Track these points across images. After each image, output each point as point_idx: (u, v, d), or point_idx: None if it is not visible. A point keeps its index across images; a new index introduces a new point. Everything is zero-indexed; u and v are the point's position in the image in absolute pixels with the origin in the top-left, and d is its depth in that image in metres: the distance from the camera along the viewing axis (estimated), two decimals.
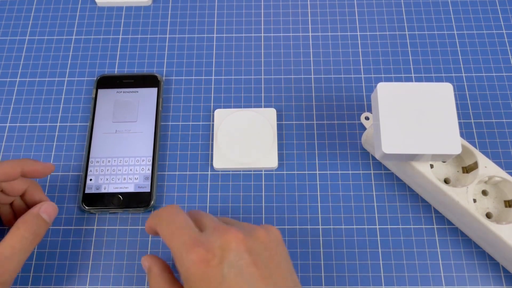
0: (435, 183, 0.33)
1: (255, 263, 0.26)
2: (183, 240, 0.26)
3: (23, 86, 0.42)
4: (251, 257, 0.26)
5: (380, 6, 0.45)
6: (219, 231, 0.27)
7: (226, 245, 0.26)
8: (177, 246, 0.26)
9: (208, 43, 0.44)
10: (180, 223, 0.27)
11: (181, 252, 0.26)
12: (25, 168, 0.32)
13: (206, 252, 0.26)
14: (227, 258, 0.26)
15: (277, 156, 0.39)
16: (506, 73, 0.42)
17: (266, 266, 0.27)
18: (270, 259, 0.27)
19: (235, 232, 0.27)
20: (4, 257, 0.29)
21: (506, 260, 0.33)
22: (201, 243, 0.26)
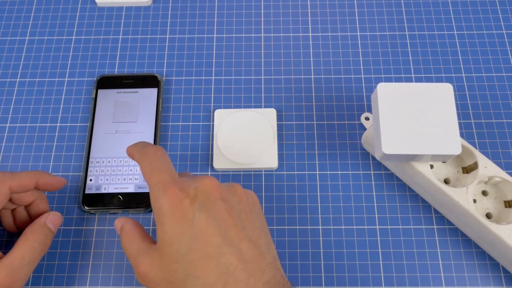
0: (435, 184, 0.33)
1: (228, 211, 0.26)
2: (162, 178, 0.26)
3: (23, 86, 0.42)
4: (224, 205, 0.26)
5: (380, 6, 0.45)
6: (197, 177, 0.27)
7: (201, 187, 0.26)
8: (154, 184, 0.26)
9: (208, 43, 0.44)
10: (162, 163, 0.27)
11: (157, 190, 0.26)
12: (40, 181, 0.33)
13: (180, 191, 0.26)
14: (200, 198, 0.26)
15: (277, 156, 0.39)
16: (506, 73, 0.42)
17: (239, 217, 0.27)
18: (244, 212, 0.27)
19: (211, 179, 0.27)
20: (14, 268, 0.30)
21: (506, 260, 0.33)
22: (177, 183, 0.26)
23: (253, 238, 0.26)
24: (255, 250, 0.26)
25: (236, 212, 0.27)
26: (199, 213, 0.25)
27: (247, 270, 0.25)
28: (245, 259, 0.25)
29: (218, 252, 0.25)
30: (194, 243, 0.25)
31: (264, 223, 0.29)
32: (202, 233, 0.25)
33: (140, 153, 0.29)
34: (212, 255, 0.25)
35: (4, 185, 0.31)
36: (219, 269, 0.24)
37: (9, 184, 0.31)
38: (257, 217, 0.28)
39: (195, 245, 0.25)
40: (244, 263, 0.25)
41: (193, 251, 0.25)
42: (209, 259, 0.25)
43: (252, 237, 0.26)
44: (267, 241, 0.28)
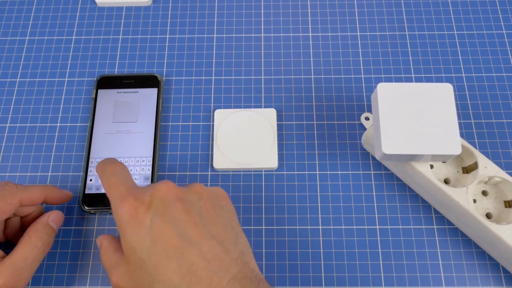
0: (435, 184, 0.33)
1: (186, 210, 0.26)
2: (119, 191, 0.27)
3: (23, 86, 0.42)
4: (182, 205, 0.26)
5: (380, 6, 0.45)
6: (153, 184, 0.28)
7: (155, 193, 0.27)
8: (113, 198, 0.27)
9: (208, 43, 0.44)
10: (120, 176, 0.29)
11: (116, 203, 0.27)
12: (49, 195, 0.34)
13: (135, 200, 0.26)
14: (155, 203, 0.26)
15: (277, 156, 0.39)
16: (506, 73, 0.42)
17: (200, 215, 0.27)
18: (205, 209, 0.27)
19: (167, 183, 0.27)
20: (17, 268, 0.30)
21: (506, 260, 0.33)
22: (133, 193, 0.27)
23: (216, 235, 0.26)
24: (218, 247, 0.26)
25: (196, 210, 0.27)
26: (155, 218, 0.26)
27: (210, 268, 0.25)
28: (207, 258, 0.25)
29: (178, 253, 0.25)
30: (154, 247, 0.25)
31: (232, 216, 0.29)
32: (160, 236, 0.25)
33: (100, 169, 0.30)
34: (172, 257, 0.25)
35: (15, 197, 0.31)
36: (182, 270, 0.24)
37: (19, 197, 0.32)
38: (221, 212, 0.28)
39: (155, 249, 0.25)
40: (206, 262, 0.25)
41: (154, 255, 0.25)
42: (170, 261, 0.25)
43: (215, 234, 0.26)
44: (234, 235, 0.27)
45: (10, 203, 0.31)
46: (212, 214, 0.27)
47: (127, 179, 0.29)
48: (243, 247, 0.27)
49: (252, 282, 0.25)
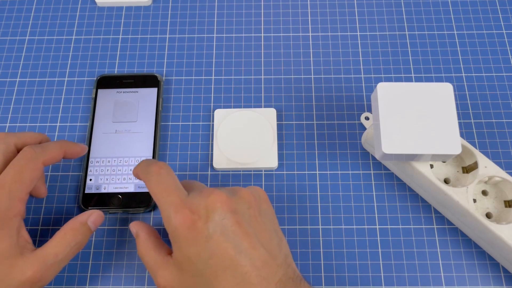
0: (435, 183, 0.33)
1: (238, 222, 0.27)
2: (171, 201, 0.28)
3: (23, 86, 0.42)
4: (235, 217, 0.27)
5: (380, 6, 0.46)
6: (204, 193, 0.28)
7: (210, 206, 0.27)
8: (165, 207, 0.28)
9: (208, 43, 0.44)
10: (169, 183, 0.28)
11: (169, 213, 0.27)
12: (67, 151, 0.34)
13: (191, 214, 0.27)
14: (211, 218, 0.27)
15: (277, 156, 0.39)
16: (506, 73, 0.42)
17: (250, 224, 0.28)
18: (254, 218, 0.28)
19: (219, 193, 0.28)
20: (47, 263, 0.29)
21: (506, 260, 0.33)
22: (187, 205, 0.27)
23: (264, 243, 0.27)
24: (267, 255, 0.27)
25: (247, 220, 0.28)
26: (212, 232, 0.26)
27: (261, 275, 0.26)
28: (259, 266, 0.26)
29: (233, 264, 0.26)
30: (211, 259, 0.26)
31: (274, 220, 0.30)
32: (217, 249, 0.26)
33: (144, 173, 0.30)
34: (228, 267, 0.26)
35: (38, 161, 0.31)
36: (236, 279, 0.26)
37: (42, 159, 0.31)
38: (266, 217, 0.29)
39: (211, 261, 0.26)
40: (258, 270, 0.26)
41: (211, 266, 0.26)
42: (225, 271, 0.26)
43: (264, 242, 0.27)
44: (278, 240, 0.29)
45: (36, 169, 0.31)
46: (259, 221, 0.28)
47: (176, 185, 0.29)
48: (286, 250, 0.29)
49: (294, 282, 0.27)
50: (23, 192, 0.30)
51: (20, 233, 0.30)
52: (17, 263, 0.29)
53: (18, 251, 0.29)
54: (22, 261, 0.29)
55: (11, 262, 0.29)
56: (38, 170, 0.31)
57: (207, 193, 0.28)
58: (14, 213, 0.30)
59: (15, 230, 0.29)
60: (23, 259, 0.29)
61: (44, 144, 0.32)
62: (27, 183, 0.30)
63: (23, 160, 0.30)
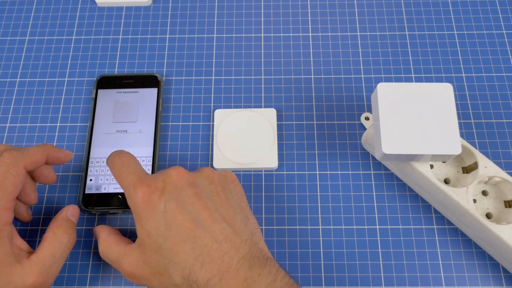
0: (435, 183, 0.33)
1: (197, 194, 0.27)
2: (130, 179, 0.28)
3: (23, 86, 0.42)
4: (193, 189, 0.28)
5: (380, 6, 0.45)
6: (163, 170, 0.29)
7: (167, 179, 0.28)
8: (126, 186, 0.29)
9: (208, 43, 0.44)
10: (129, 166, 0.29)
11: (129, 191, 0.28)
12: (50, 156, 0.33)
13: (148, 187, 0.27)
14: (168, 189, 0.27)
15: (277, 156, 0.39)
16: (506, 73, 0.42)
17: (210, 199, 0.28)
18: (215, 193, 0.29)
19: (178, 169, 0.28)
20: (46, 265, 0.30)
21: (506, 260, 0.33)
22: (145, 181, 0.28)
23: (226, 217, 0.28)
24: (229, 229, 0.27)
25: (207, 194, 0.28)
26: (169, 203, 0.27)
27: (221, 249, 0.26)
28: (219, 240, 0.26)
29: (192, 236, 0.26)
30: (169, 231, 0.26)
31: (240, 199, 0.30)
32: (174, 220, 0.26)
33: (110, 162, 0.31)
34: (186, 240, 0.26)
35: (19, 166, 0.30)
36: (195, 252, 0.26)
37: (23, 164, 0.31)
38: (231, 195, 0.29)
39: (170, 233, 0.26)
40: (219, 243, 0.26)
41: (170, 239, 0.26)
42: (184, 243, 0.26)
43: (226, 217, 0.28)
44: (243, 217, 0.29)
45: (18, 174, 0.30)
46: (222, 197, 0.29)
47: (136, 167, 0.29)
48: (253, 228, 0.29)
49: (260, 261, 0.27)
50: (8, 200, 0.29)
51: (12, 241, 0.30)
52: (16, 272, 0.29)
53: (14, 259, 0.29)
54: (21, 269, 0.29)
55: (9, 271, 0.28)
56: (20, 176, 0.30)
57: (167, 170, 0.28)
58: (1, 223, 0.29)
59: (6, 240, 0.29)
60: (21, 267, 0.29)
61: (24, 148, 0.32)
62: (9, 189, 0.29)
63: (2, 166, 0.29)
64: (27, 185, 0.34)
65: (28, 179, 0.34)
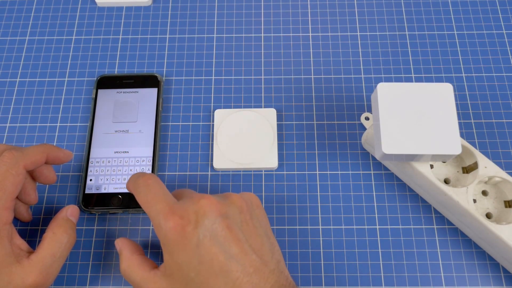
0: (435, 183, 0.33)
1: (229, 226, 0.27)
2: (160, 208, 0.27)
3: (23, 86, 0.42)
4: (225, 221, 0.27)
5: (380, 6, 0.45)
6: (193, 199, 0.28)
7: (200, 211, 0.27)
8: (154, 214, 0.27)
9: (208, 43, 0.44)
10: (156, 191, 0.28)
11: (158, 220, 0.27)
12: (50, 155, 0.33)
13: (181, 219, 0.27)
14: (201, 223, 0.27)
15: (277, 156, 0.39)
16: (506, 73, 0.42)
17: (241, 230, 0.28)
18: (245, 222, 0.28)
19: (209, 198, 0.28)
20: (46, 265, 0.29)
21: (506, 260, 0.33)
22: (176, 211, 0.27)
23: (256, 248, 0.27)
24: (259, 261, 0.27)
25: (237, 225, 0.28)
26: (202, 237, 0.26)
27: (252, 281, 0.26)
28: (250, 272, 0.26)
29: (224, 270, 0.26)
30: (201, 265, 0.26)
31: (266, 225, 0.30)
32: (207, 254, 0.26)
33: (133, 185, 0.30)
34: (219, 274, 0.26)
35: (19, 166, 0.30)
36: (227, 286, 0.26)
37: (23, 163, 0.31)
38: (258, 222, 0.29)
39: (202, 267, 0.26)
40: (249, 276, 0.26)
41: (201, 273, 0.26)
42: (216, 277, 0.26)
43: (255, 248, 0.27)
44: (270, 245, 0.29)
45: (18, 174, 0.30)
46: (251, 226, 0.28)
47: (164, 192, 0.28)
48: (278, 255, 0.29)
49: None
50: (7, 200, 0.29)
51: (12, 240, 0.30)
52: (16, 272, 0.29)
53: (14, 259, 0.29)
54: (21, 269, 0.29)
55: (9, 271, 0.28)
56: (20, 175, 0.30)
57: (197, 199, 0.28)
58: (1, 223, 0.29)
59: (6, 240, 0.29)
60: (21, 267, 0.29)
61: (24, 148, 0.32)
62: (9, 189, 0.29)
63: (2, 166, 0.29)
64: (27, 185, 0.34)
65: (28, 179, 0.34)
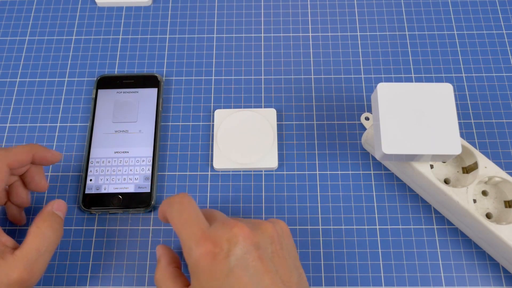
0: (435, 184, 0.33)
1: (261, 257, 0.27)
2: (192, 232, 0.27)
3: (23, 86, 0.42)
4: (257, 252, 0.27)
5: (380, 6, 0.45)
6: (226, 225, 0.27)
7: (233, 239, 0.26)
8: (186, 237, 0.27)
9: (208, 43, 0.44)
10: (190, 214, 0.28)
11: (189, 244, 0.27)
12: (36, 155, 0.33)
13: (213, 246, 0.26)
14: (233, 252, 0.26)
15: (277, 156, 0.39)
16: (506, 73, 0.42)
17: (271, 260, 0.27)
18: (276, 253, 0.28)
19: (242, 226, 0.27)
20: (31, 260, 0.29)
21: (506, 260, 0.33)
22: (209, 236, 0.26)
23: (285, 279, 0.27)
24: None
25: (268, 256, 0.27)
26: (233, 266, 0.26)
27: None
28: None
29: None
30: None
31: (295, 256, 0.30)
32: (237, 284, 0.26)
33: (167, 205, 0.29)
34: None
35: (3, 163, 0.30)
36: None
37: (7, 162, 0.30)
38: (287, 252, 0.29)
39: None
40: None
41: None
42: None
43: (284, 279, 0.27)
44: (298, 276, 0.28)
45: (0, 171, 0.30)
46: (281, 257, 0.28)
47: (198, 215, 0.28)
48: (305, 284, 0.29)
49: None
50: None
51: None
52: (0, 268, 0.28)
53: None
54: (5, 265, 0.28)
55: None
56: (3, 173, 0.30)
57: (230, 226, 0.27)
58: None
59: None
60: (5, 263, 0.29)
61: (9, 147, 0.32)
62: None
63: None
64: (18, 187, 0.34)
65: (19, 181, 0.34)
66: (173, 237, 0.36)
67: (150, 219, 0.37)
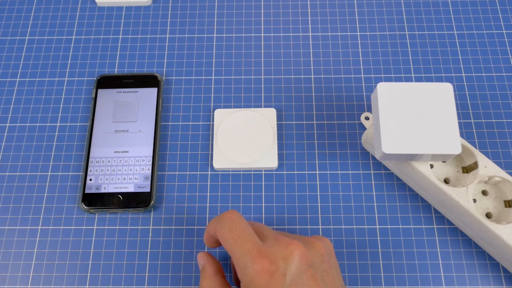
0: (435, 183, 0.33)
1: (314, 276, 0.27)
2: (247, 249, 0.27)
3: (23, 86, 0.42)
4: (311, 270, 0.27)
5: (380, 6, 0.46)
6: (281, 243, 0.27)
7: (289, 257, 0.27)
8: (241, 254, 0.27)
9: (208, 43, 0.44)
10: (242, 230, 0.28)
11: (245, 261, 0.27)
12: None
13: (270, 264, 0.26)
14: (290, 271, 0.26)
15: (277, 156, 0.39)
16: (506, 73, 0.42)
17: (322, 279, 0.27)
18: (326, 272, 0.28)
19: (297, 244, 0.27)
20: None
21: (506, 260, 0.33)
22: (265, 254, 0.27)
23: None
24: None
25: (320, 275, 0.28)
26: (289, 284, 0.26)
27: None
28: None
29: None
30: None
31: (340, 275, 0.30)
32: None
33: (217, 220, 0.29)
34: None
35: None
36: None
37: None
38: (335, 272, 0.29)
39: None
40: None
41: None
42: None
43: None
44: None
45: None
46: (330, 276, 0.28)
47: (250, 232, 0.28)
48: None
49: None
50: None
51: None
52: None
53: None
54: None
55: None
56: None
57: (285, 243, 0.27)
58: None
59: None
60: None
61: None
62: None
63: None
64: None
65: None
66: (172, 237, 0.36)
67: (150, 219, 0.37)
